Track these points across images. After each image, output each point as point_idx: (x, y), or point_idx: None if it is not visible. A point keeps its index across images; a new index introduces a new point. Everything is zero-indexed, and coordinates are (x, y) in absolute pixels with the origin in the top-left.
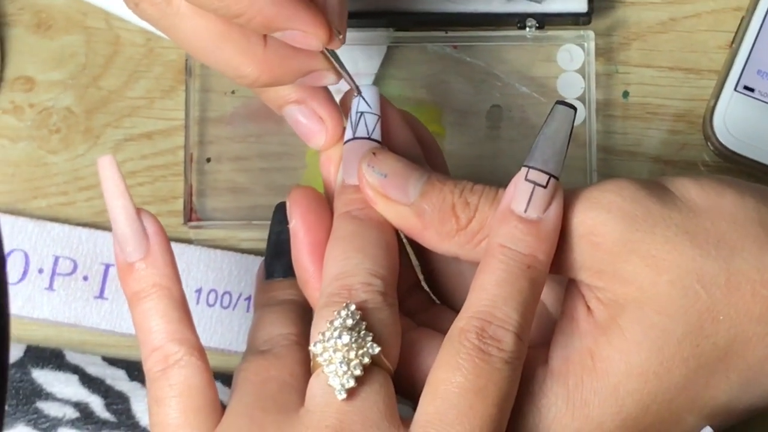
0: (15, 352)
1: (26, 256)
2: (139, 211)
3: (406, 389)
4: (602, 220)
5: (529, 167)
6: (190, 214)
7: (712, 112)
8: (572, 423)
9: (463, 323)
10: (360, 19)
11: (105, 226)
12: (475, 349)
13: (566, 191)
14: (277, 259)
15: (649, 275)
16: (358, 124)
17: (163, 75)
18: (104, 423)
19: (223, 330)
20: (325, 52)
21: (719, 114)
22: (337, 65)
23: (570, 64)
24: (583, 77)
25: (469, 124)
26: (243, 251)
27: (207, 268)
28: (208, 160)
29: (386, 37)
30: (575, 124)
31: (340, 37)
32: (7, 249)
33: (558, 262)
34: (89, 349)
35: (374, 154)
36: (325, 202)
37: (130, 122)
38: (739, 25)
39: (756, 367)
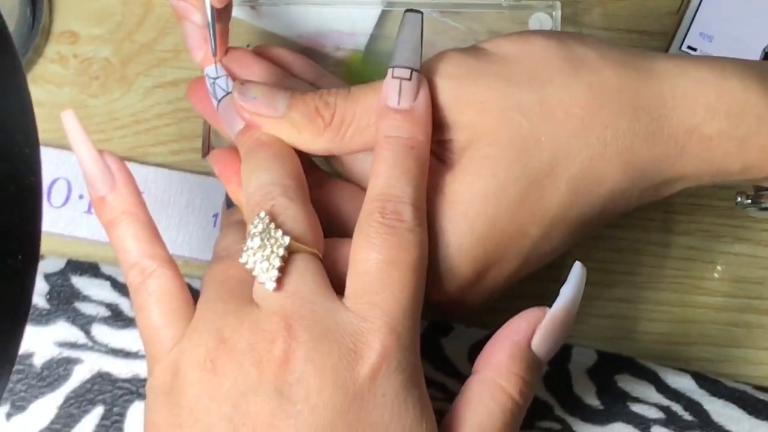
0: (58, 263)
1: (69, 183)
2: (101, 152)
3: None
4: (435, 86)
5: (393, 67)
6: (207, 149)
7: None
8: (439, 251)
9: (367, 207)
10: None
11: (137, 160)
12: (381, 225)
13: None
14: None
15: (480, 117)
16: (216, 90)
17: None
18: (131, 321)
19: None
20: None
21: None
22: (210, 18)
23: (539, 29)
24: None
25: None
26: None
27: (222, 197)
28: None
29: (380, 2)
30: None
31: None
32: (52, 177)
33: None
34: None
35: (242, 83)
36: (231, 150)
37: (159, 72)
38: None
39: (579, 175)
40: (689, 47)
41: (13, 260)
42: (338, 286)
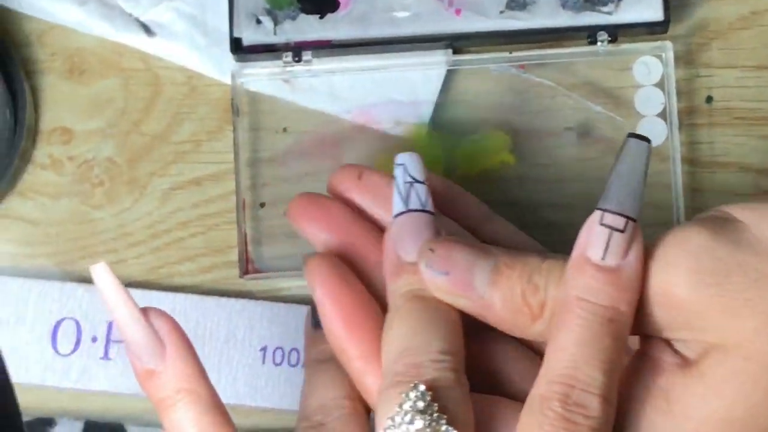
0: (73, 428)
1: (77, 324)
2: (146, 312)
3: None
4: (673, 282)
5: (604, 210)
6: (246, 266)
7: None
8: None
9: (543, 389)
10: (416, 43)
11: (159, 284)
12: (560, 418)
13: None
14: None
15: (733, 324)
16: (409, 195)
17: (208, 115)
18: None
19: (292, 390)
20: None
21: None
22: None
23: (647, 78)
24: (663, 91)
25: (543, 147)
26: (309, 302)
27: (270, 324)
28: (262, 205)
29: (445, 61)
30: (656, 144)
31: None
32: (57, 318)
33: (636, 323)
34: (152, 420)
35: (431, 250)
36: (345, 267)
37: (176, 169)
38: None
39: None
40: None
41: None
42: None
